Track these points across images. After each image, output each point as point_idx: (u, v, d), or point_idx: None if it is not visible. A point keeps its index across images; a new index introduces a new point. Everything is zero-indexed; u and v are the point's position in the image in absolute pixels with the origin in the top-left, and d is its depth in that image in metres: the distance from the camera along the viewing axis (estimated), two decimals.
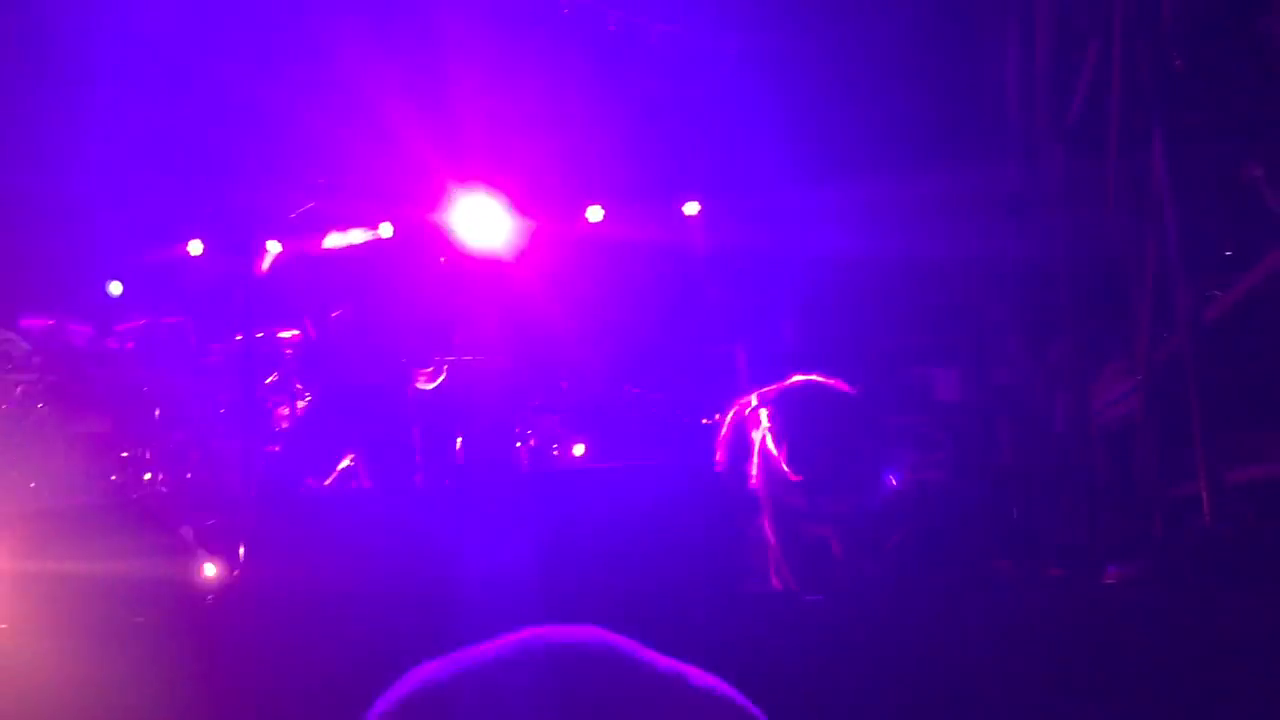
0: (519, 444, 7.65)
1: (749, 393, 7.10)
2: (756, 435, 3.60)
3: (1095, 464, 6.09)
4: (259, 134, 10.90)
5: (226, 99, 10.17)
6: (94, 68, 10.12)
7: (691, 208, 10.49)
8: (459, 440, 7.52)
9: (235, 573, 3.65)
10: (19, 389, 7.68)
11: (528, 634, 0.72)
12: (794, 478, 3.51)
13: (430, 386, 5.58)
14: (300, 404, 7.61)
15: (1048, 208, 7.26)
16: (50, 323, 7.93)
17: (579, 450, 7.93)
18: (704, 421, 7.95)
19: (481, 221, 8.49)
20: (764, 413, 3.56)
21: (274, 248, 8.28)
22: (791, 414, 3.49)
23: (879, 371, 7.86)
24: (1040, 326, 7.29)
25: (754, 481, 3.80)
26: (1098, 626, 3.21)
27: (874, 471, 7.07)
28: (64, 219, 11.44)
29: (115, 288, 10.47)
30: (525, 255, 10.57)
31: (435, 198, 10.73)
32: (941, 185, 9.64)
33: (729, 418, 5.77)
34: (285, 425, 7.75)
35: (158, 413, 7.44)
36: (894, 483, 7.33)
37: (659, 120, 10.39)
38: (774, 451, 3.50)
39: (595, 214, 10.64)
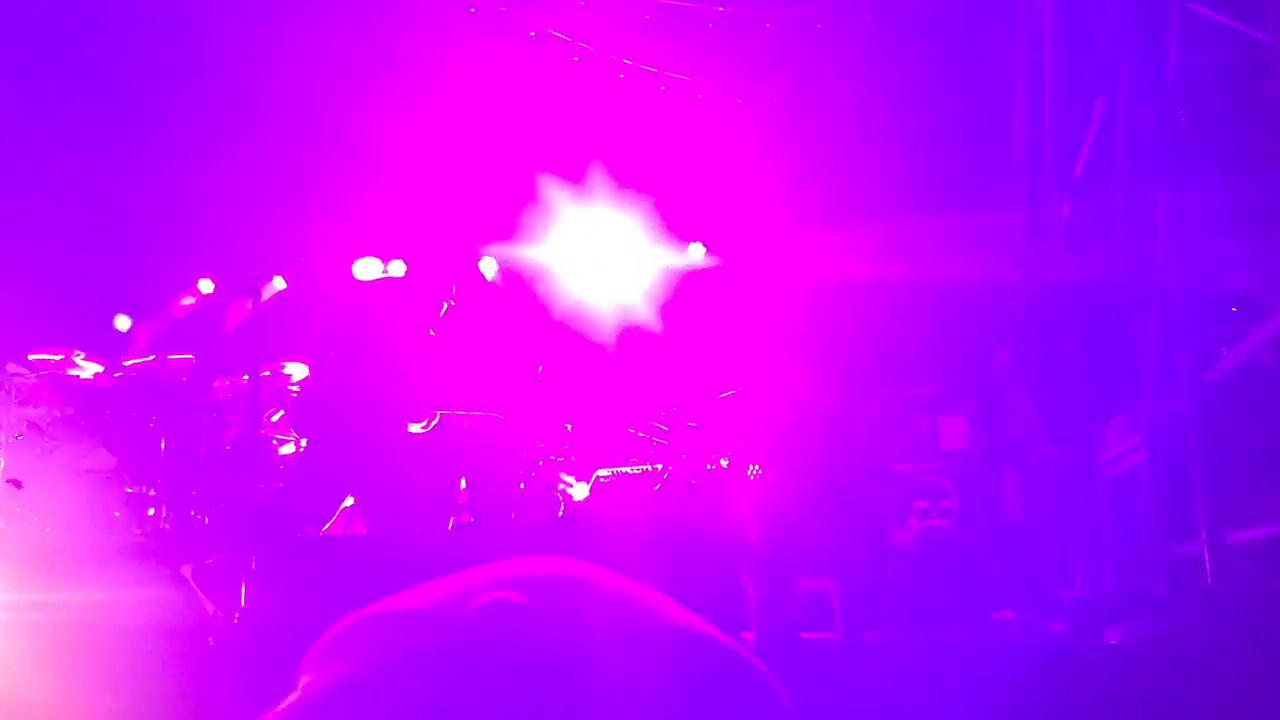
0: (522, 485, 7.65)
1: (752, 437, 7.12)
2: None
3: (1099, 519, 6.07)
4: (269, 171, 11.01)
5: (233, 133, 10.28)
6: (103, 97, 10.23)
7: (696, 251, 10.54)
8: (462, 482, 7.53)
9: (236, 614, 3.65)
10: (26, 423, 7.70)
11: (498, 565, 0.71)
12: (792, 501, 3.51)
13: (422, 430, 5.59)
14: (302, 443, 7.63)
15: (1053, 258, 7.29)
16: (58, 357, 7.95)
17: (581, 493, 7.92)
18: (708, 467, 7.94)
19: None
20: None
21: (279, 284, 8.34)
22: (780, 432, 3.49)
23: (886, 418, 7.85)
24: (1046, 378, 7.30)
25: (753, 524, 3.79)
26: (1099, 687, 3.19)
27: (878, 517, 7.06)
28: (73, 253, 11.53)
29: (123, 322, 10.53)
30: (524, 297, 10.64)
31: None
32: (946, 230, 9.70)
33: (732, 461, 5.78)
34: (287, 465, 7.76)
35: (163, 448, 7.45)
36: (903, 529, 7.33)
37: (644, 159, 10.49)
38: (771, 477, 3.49)
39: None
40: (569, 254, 10.81)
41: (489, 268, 10.74)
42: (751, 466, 4.31)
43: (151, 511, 7.40)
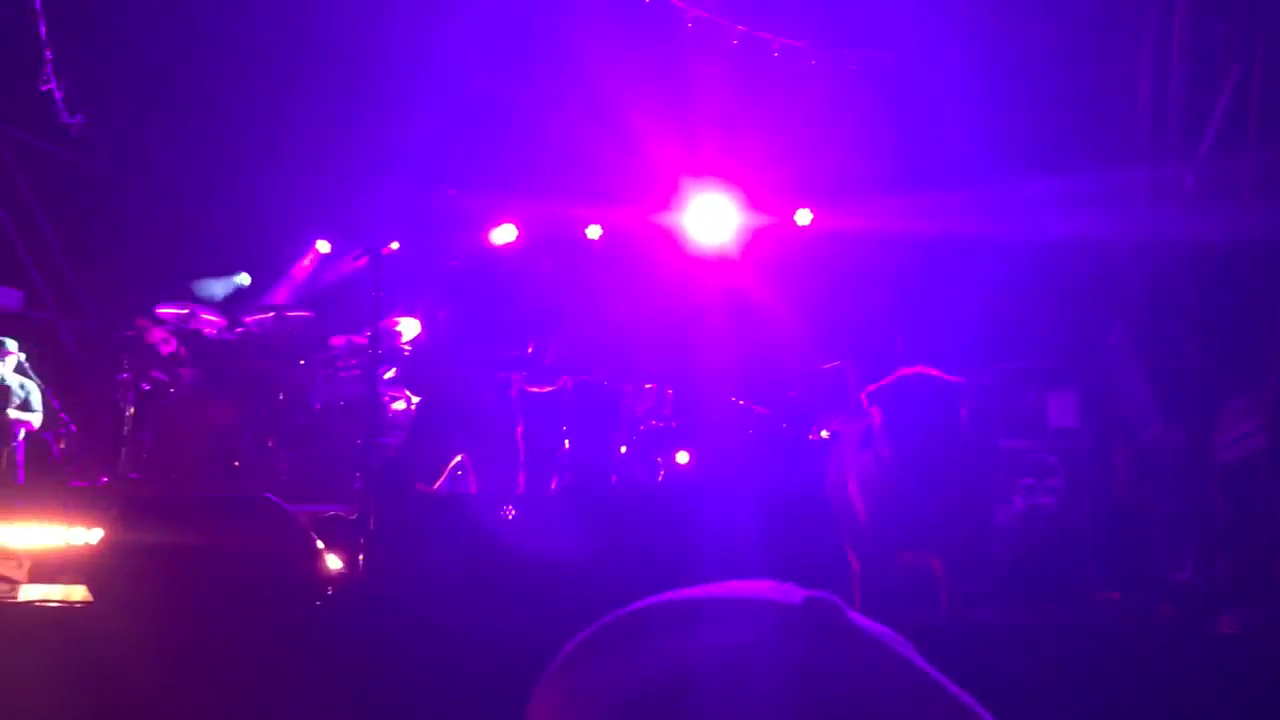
0: (623, 449, 7.73)
1: (855, 408, 7.08)
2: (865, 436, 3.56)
3: (1214, 503, 5.91)
4: (388, 134, 11.22)
5: (364, 103, 10.49)
6: (243, 63, 10.50)
7: (804, 216, 10.44)
8: (565, 444, 7.65)
9: (354, 566, 3.78)
10: (152, 374, 8.03)
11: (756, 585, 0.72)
12: (899, 479, 3.48)
13: (539, 391, 5.68)
14: (414, 400, 7.82)
15: (1174, 230, 7.06)
16: (184, 312, 8.24)
17: (682, 459, 7.96)
18: (810, 437, 7.92)
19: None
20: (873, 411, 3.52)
21: (393, 245, 8.53)
22: (901, 403, 3.47)
23: (993, 393, 7.72)
24: (1162, 355, 7.10)
25: (856, 499, 3.78)
26: (1208, 675, 3.14)
27: (984, 492, 6.97)
28: (200, 212, 11.93)
29: (243, 279, 10.88)
30: (635, 264, 10.68)
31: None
32: (1063, 199, 9.45)
33: (836, 433, 5.76)
34: (400, 420, 7.97)
35: (282, 401, 7.69)
36: (1008, 507, 7.22)
37: (776, 129, 10.38)
38: (883, 452, 3.47)
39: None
40: (677, 220, 10.83)
41: (594, 232, 10.83)
42: (851, 437, 4.32)
43: (271, 464, 7.66)
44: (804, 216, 10.40)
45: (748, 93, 9.83)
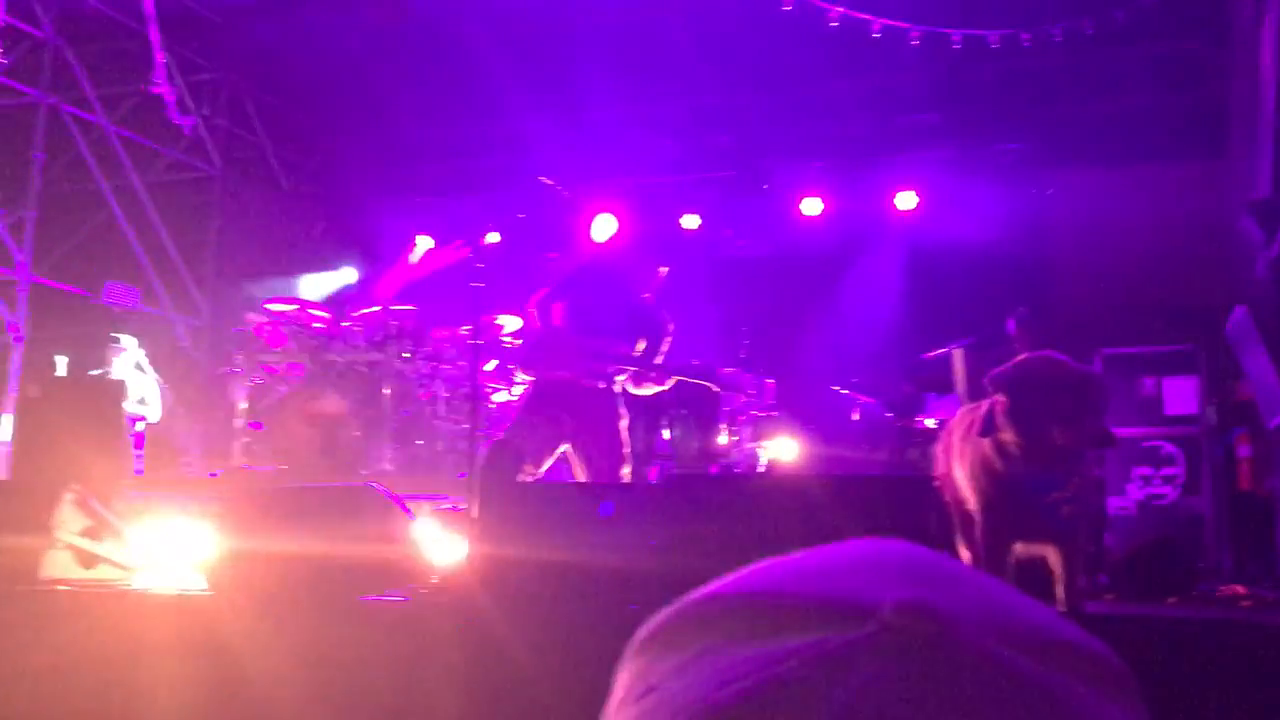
0: (724, 440, 7.68)
1: (965, 396, 6.92)
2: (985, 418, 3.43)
3: None
4: (489, 126, 11.32)
5: (474, 97, 10.58)
6: (346, 60, 10.66)
7: (907, 200, 10.24)
8: (665, 434, 7.63)
9: (461, 554, 3.80)
10: (263, 368, 8.23)
11: (844, 547, 0.61)
12: (1020, 468, 3.35)
13: (646, 392, 5.66)
14: (517, 390, 7.88)
15: None
16: (293, 307, 8.41)
17: (786, 450, 7.88)
18: (917, 426, 7.76)
19: None
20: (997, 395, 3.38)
21: (493, 238, 8.58)
22: (1029, 389, 3.31)
23: (1109, 378, 7.47)
24: None
25: (968, 488, 3.67)
26: None
27: (1102, 482, 6.75)
28: (307, 210, 12.19)
29: (351, 274, 11.11)
30: (735, 249, 10.60)
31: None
32: (1184, 178, 9.11)
33: (943, 422, 5.62)
34: (502, 412, 8.04)
35: (387, 394, 7.81)
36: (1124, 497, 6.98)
37: (877, 110, 10.21)
38: (1005, 437, 3.34)
39: (812, 206, 10.54)
40: (777, 212, 10.73)
41: (691, 222, 10.78)
42: (962, 426, 4.20)
43: (377, 455, 7.79)
44: (907, 200, 10.21)
45: (847, 74, 9.68)
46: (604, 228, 9.79)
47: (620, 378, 5.48)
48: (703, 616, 0.57)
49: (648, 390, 5.61)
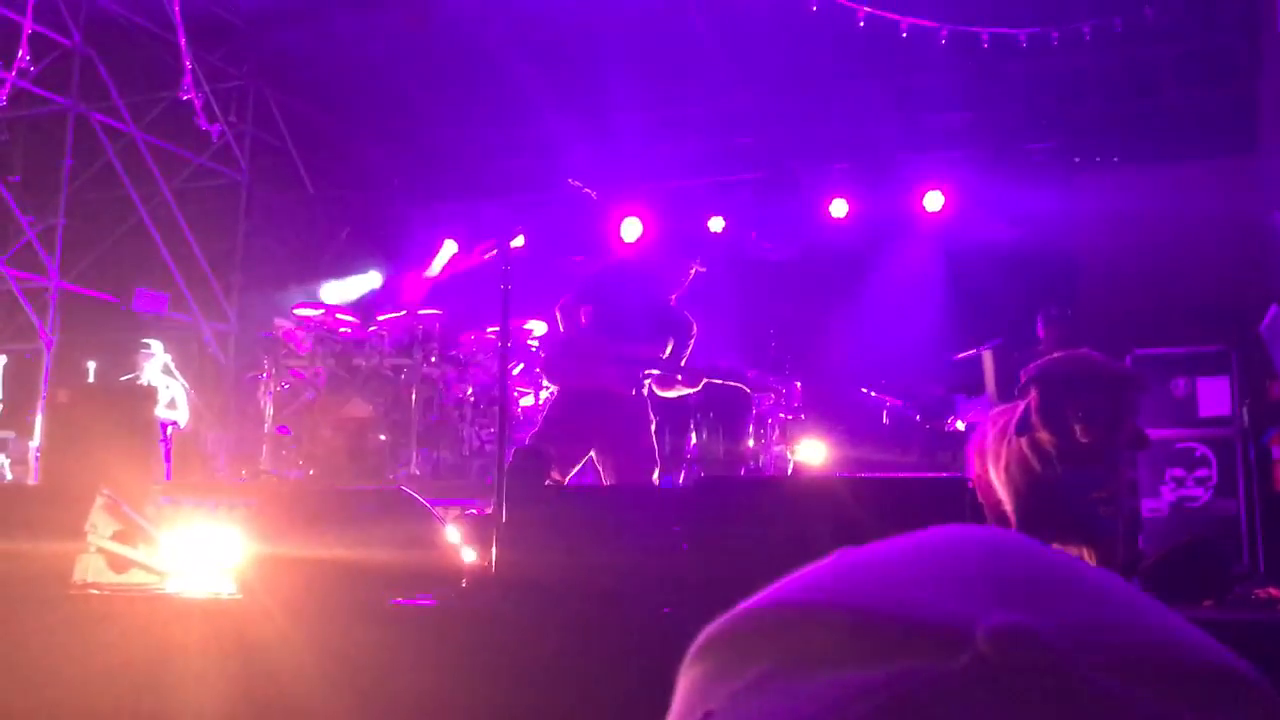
0: (751, 443, 7.65)
1: (996, 397, 6.86)
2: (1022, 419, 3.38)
3: None
4: (515, 130, 11.34)
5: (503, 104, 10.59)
6: (370, 66, 10.70)
7: (934, 200, 10.17)
8: (692, 438, 7.60)
9: (487, 559, 3.79)
10: (290, 373, 8.26)
11: (928, 537, 0.54)
12: (1056, 467, 3.30)
13: (673, 395, 5.62)
14: (544, 395, 7.87)
15: None
16: (320, 312, 8.43)
17: (814, 453, 7.83)
18: (946, 428, 7.71)
19: None
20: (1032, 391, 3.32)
21: (518, 242, 8.56)
22: (1066, 387, 3.26)
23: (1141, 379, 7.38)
24: None
25: (1003, 488, 3.63)
26: None
27: (1130, 486, 6.68)
28: (334, 215, 12.24)
29: (375, 279, 11.15)
30: (761, 251, 10.56)
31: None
32: (1215, 179, 9.01)
33: (973, 424, 5.57)
34: (529, 416, 8.03)
35: (414, 399, 7.82)
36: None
37: (903, 110, 10.15)
38: (1042, 436, 3.29)
39: (838, 208, 10.49)
40: (804, 213, 10.69)
41: (717, 225, 10.75)
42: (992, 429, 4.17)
43: (404, 460, 7.80)
44: (934, 200, 10.14)
45: (874, 74, 9.63)
46: (630, 231, 9.78)
47: (647, 381, 5.45)
48: (770, 627, 0.50)
49: (676, 393, 5.57)
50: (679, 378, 5.43)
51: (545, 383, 7.46)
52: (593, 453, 5.33)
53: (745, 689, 0.48)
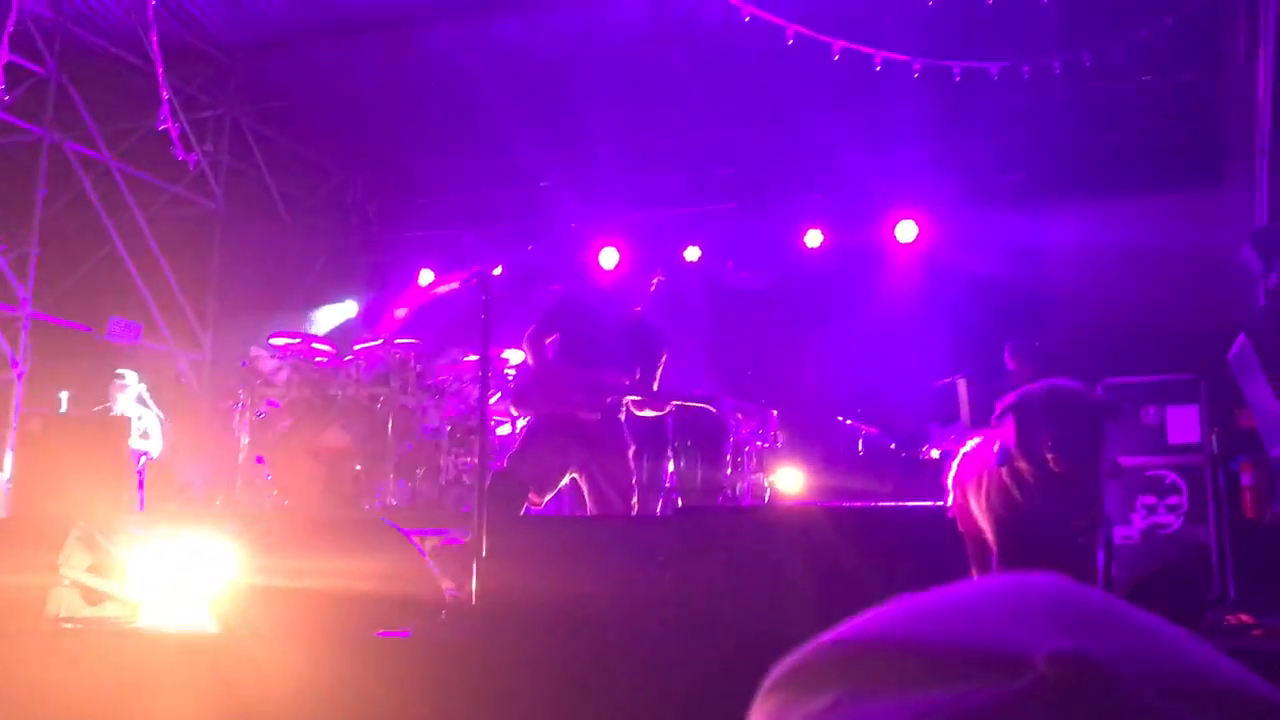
0: (729, 471, 7.67)
1: (970, 426, 6.91)
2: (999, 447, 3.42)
3: None
4: (493, 161, 11.37)
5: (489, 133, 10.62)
6: (348, 99, 10.72)
7: (907, 231, 10.26)
8: (669, 465, 7.62)
9: (468, 590, 3.78)
10: (266, 402, 8.21)
11: (992, 583, 0.55)
12: (1035, 497, 3.34)
13: (648, 414, 5.62)
14: (520, 424, 7.86)
15: None
16: (295, 342, 8.40)
17: (792, 482, 7.87)
18: (920, 456, 7.75)
19: None
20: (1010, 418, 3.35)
21: (495, 272, 8.57)
22: (1043, 416, 3.29)
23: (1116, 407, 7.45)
24: None
25: (983, 518, 3.66)
26: None
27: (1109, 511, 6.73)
28: (309, 245, 12.21)
29: (352, 308, 11.11)
30: (738, 281, 10.62)
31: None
32: (1182, 207, 9.15)
33: (947, 453, 5.61)
34: (505, 445, 8.01)
35: (390, 428, 7.79)
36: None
37: (876, 142, 10.25)
38: (1021, 466, 3.32)
39: (813, 238, 10.58)
40: (778, 243, 10.76)
41: (692, 254, 10.81)
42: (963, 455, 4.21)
43: (381, 489, 7.76)
44: (907, 231, 10.24)
45: (847, 106, 9.73)
46: (608, 259, 9.82)
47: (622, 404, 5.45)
48: (840, 660, 0.52)
49: (649, 412, 5.57)
50: (651, 400, 5.42)
51: (513, 411, 7.46)
52: (571, 476, 5.32)
53: (820, 711, 0.50)
